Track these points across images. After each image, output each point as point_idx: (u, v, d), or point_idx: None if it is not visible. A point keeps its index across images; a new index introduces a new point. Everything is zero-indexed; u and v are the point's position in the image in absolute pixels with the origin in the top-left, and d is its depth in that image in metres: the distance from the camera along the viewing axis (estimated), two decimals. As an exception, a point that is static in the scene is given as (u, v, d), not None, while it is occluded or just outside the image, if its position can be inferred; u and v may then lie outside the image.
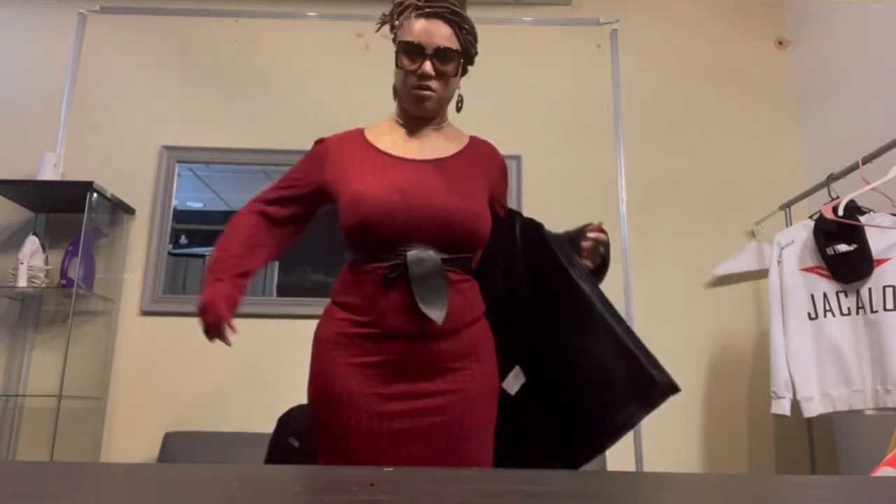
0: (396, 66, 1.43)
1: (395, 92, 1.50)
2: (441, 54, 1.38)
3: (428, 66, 1.37)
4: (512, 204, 2.84)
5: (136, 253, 2.87)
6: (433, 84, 1.40)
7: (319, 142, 1.52)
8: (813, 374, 2.24)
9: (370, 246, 1.37)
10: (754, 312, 2.86)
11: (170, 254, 2.88)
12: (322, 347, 1.40)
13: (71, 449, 2.64)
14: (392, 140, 1.48)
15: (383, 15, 1.50)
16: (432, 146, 1.48)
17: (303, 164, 1.53)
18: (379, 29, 1.53)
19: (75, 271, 2.64)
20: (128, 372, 2.77)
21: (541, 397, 1.43)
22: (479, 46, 1.51)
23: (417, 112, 1.46)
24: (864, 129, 2.57)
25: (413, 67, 1.39)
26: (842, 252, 2.17)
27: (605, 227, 1.48)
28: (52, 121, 2.98)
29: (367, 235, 1.36)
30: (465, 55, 1.44)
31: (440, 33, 1.39)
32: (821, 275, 2.26)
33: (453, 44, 1.40)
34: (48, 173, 2.74)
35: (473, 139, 1.55)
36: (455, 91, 1.49)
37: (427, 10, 1.39)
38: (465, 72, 1.49)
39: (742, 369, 2.81)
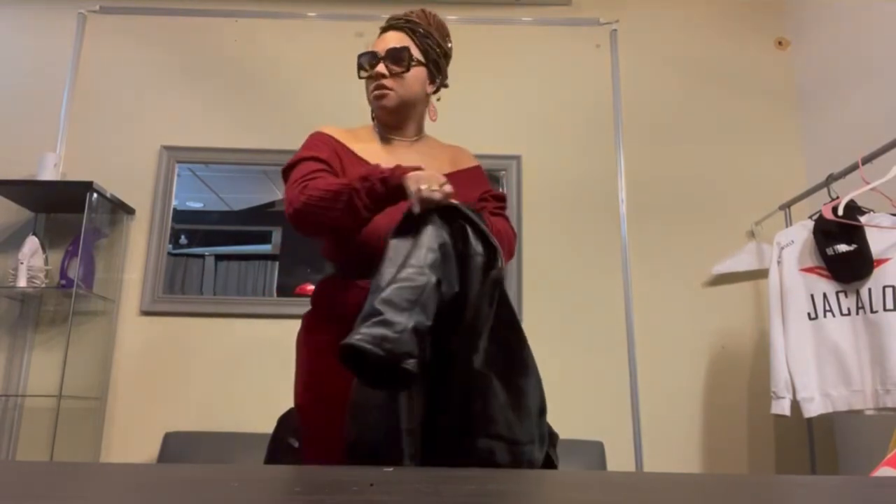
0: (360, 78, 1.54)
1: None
2: (392, 54, 1.49)
3: (381, 67, 1.49)
4: (512, 204, 2.85)
5: (136, 253, 2.87)
6: (388, 83, 1.49)
7: (321, 134, 1.51)
8: (813, 375, 2.24)
9: (364, 261, 1.38)
10: (754, 312, 2.86)
11: (170, 254, 2.88)
12: (316, 355, 1.42)
13: (71, 449, 2.64)
14: (373, 151, 1.51)
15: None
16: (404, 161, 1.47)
17: (320, 149, 1.47)
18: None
19: (75, 271, 2.64)
20: (128, 372, 2.77)
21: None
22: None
23: (381, 113, 1.53)
24: (864, 129, 2.57)
25: (368, 73, 1.51)
26: (842, 252, 2.17)
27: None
28: (52, 121, 2.98)
29: (364, 253, 1.38)
30: (426, 58, 1.53)
31: (392, 38, 1.51)
32: (820, 275, 2.26)
33: (404, 43, 1.50)
34: (48, 173, 2.74)
35: (453, 149, 1.62)
36: (422, 96, 1.55)
37: (385, 25, 1.55)
38: (434, 81, 1.57)
39: (742, 369, 2.81)
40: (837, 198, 2.22)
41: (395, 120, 1.55)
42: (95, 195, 2.67)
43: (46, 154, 2.78)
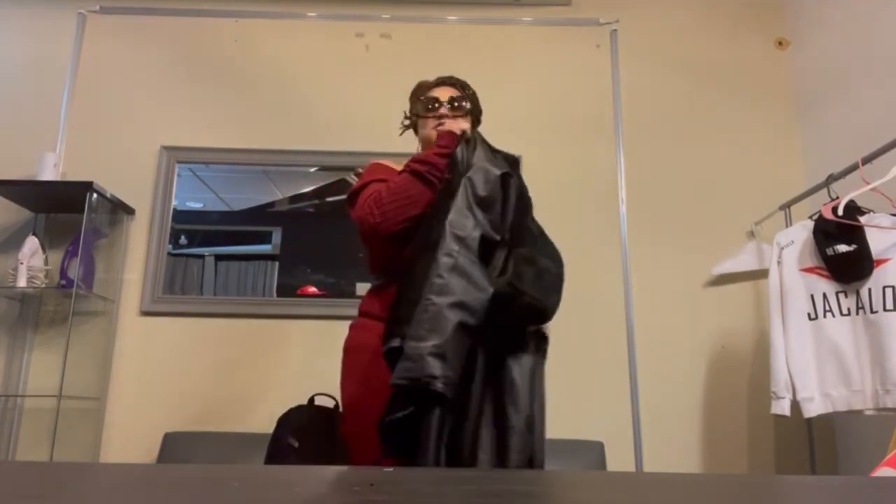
0: (418, 118, 1.83)
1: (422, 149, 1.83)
2: (453, 100, 1.81)
3: (443, 109, 1.80)
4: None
5: (136, 253, 2.87)
6: (447, 120, 1.78)
7: (382, 165, 1.77)
8: (813, 375, 2.24)
9: None
10: (754, 312, 2.86)
11: (170, 254, 2.88)
12: (371, 358, 1.55)
13: (71, 449, 2.64)
14: None
15: (405, 114, 1.91)
16: None
17: (385, 173, 1.72)
18: (403, 132, 1.94)
19: (75, 271, 2.64)
20: (128, 372, 2.77)
21: None
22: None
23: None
24: (864, 129, 2.57)
25: (432, 114, 1.80)
26: (842, 252, 2.17)
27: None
28: (52, 121, 2.98)
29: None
30: (473, 112, 1.85)
31: (450, 90, 1.84)
32: (820, 275, 2.26)
33: (461, 95, 1.83)
34: (48, 173, 2.74)
35: None
36: None
37: (437, 81, 1.86)
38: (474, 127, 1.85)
39: (742, 369, 2.81)
40: (837, 198, 2.22)
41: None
42: (95, 195, 2.67)
43: (46, 154, 2.78)
